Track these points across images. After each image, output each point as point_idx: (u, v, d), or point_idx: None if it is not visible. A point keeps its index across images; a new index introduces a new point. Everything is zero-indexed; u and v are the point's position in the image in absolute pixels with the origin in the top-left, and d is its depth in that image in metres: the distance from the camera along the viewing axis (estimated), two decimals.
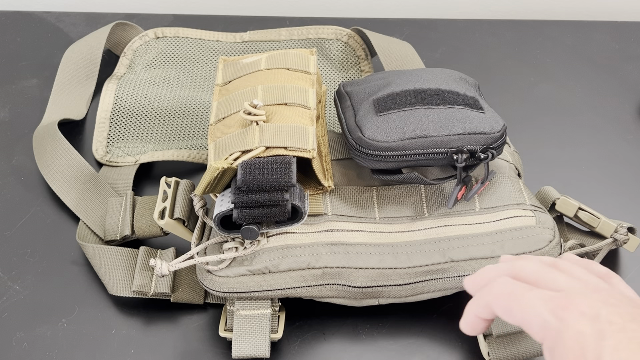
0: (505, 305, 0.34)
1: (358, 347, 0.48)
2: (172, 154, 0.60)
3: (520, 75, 0.70)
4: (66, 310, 0.50)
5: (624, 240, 0.50)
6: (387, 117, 0.47)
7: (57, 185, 0.56)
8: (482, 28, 0.75)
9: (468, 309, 0.36)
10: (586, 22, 0.76)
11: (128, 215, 0.52)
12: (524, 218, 0.48)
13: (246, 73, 0.52)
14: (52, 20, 0.75)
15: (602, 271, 0.37)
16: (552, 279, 0.34)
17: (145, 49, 0.69)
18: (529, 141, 0.63)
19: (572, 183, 0.60)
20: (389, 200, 0.50)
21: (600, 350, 0.30)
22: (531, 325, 0.33)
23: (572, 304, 0.32)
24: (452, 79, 0.51)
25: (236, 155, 0.45)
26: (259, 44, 0.71)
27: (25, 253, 0.54)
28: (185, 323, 0.50)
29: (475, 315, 0.36)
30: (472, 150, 0.46)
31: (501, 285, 0.35)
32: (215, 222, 0.45)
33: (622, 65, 0.71)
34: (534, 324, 0.33)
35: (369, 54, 0.69)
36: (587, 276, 0.35)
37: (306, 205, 0.45)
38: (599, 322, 0.31)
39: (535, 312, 0.33)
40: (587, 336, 0.30)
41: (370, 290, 0.46)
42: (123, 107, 0.63)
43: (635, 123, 0.65)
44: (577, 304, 0.32)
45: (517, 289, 0.34)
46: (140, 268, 0.50)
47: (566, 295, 0.32)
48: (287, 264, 0.46)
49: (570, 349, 0.31)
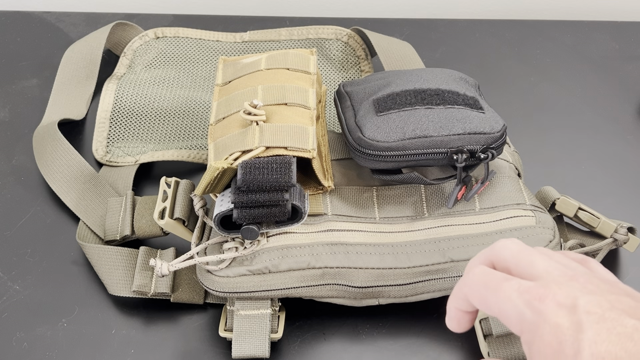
0: (481, 296, 0.33)
1: (358, 347, 0.48)
2: (172, 154, 0.60)
3: (520, 75, 0.70)
4: (66, 310, 0.50)
5: (624, 240, 0.50)
6: (387, 117, 0.47)
7: (57, 185, 0.56)
8: (482, 28, 0.75)
9: (449, 304, 0.36)
10: (586, 22, 0.76)
11: (128, 215, 0.52)
12: (524, 218, 0.48)
13: (246, 73, 0.52)
14: (52, 20, 0.75)
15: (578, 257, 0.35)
16: (531, 262, 0.33)
17: (145, 49, 0.69)
18: (529, 141, 0.63)
19: (572, 183, 0.60)
20: (389, 200, 0.50)
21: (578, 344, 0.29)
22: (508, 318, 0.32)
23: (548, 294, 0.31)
24: (452, 79, 0.51)
25: (236, 155, 0.45)
26: (259, 44, 0.71)
27: (25, 253, 0.54)
28: (185, 323, 0.50)
29: (456, 308, 0.35)
30: (472, 150, 0.46)
31: (477, 276, 0.34)
32: (215, 222, 0.45)
33: (622, 65, 0.71)
34: (511, 316, 0.32)
35: (369, 54, 0.69)
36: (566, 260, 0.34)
37: (306, 205, 0.45)
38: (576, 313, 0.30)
39: (511, 304, 0.31)
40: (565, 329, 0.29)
41: (370, 290, 0.46)
42: (123, 107, 0.63)
43: (635, 123, 0.65)
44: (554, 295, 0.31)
45: (493, 279, 0.33)
46: (140, 268, 0.50)
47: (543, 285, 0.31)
48: (287, 264, 0.46)
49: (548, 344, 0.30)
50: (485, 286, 0.33)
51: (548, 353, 0.30)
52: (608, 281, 0.33)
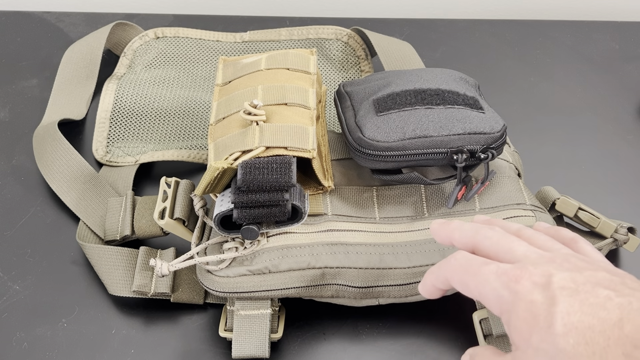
0: (462, 280, 0.34)
1: (358, 347, 0.48)
2: (172, 154, 0.60)
3: (520, 75, 0.70)
4: (66, 310, 0.50)
5: (624, 240, 0.50)
6: (387, 117, 0.47)
7: (57, 185, 0.56)
8: (482, 28, 0.75)
9: (426, 279, 0.37)
10: (586, 22, 0.76)
11: (128, 215, 0.52)
12: (524, 218, 0.48)
13: (246, 73, 0.52)
14: (52, 20, 0.75)
15: (569, 236, 0.37)
16: (510, 249, 0.34)
17: (145, 49, 0.69)
18: (529, 141, 0.63)
19: (572, 183, 0.60)
20: (389, 200, 0.50)
21: (551, 317, 0.30)
22: (488, 300, 0.33)
23: (524, 275, 0.32)
24: (452, 79, 0.51)
25: (236, 155, 0.45)
26: (259, 44, 0.71)
27: (25, 253, 0.54)
28: (185, 323, 0.50)
29: (433, 285, 0.37)
30: (472, 150, 0.46)
31: (458, 261, 0.35)
32: (215, 222, 0.45)
33: (622, 65, 0.71)
34: (490, 298, 0.33)
35: (369, 54, 0.69)
36: (550, 243, 0.35)
37: (306, 205, 0.45)
38: (550, 289, 0.30)
39: (490, 286, 0.33)
40: (539, 304, 0.30)
41: (370, 290, 0.46)
42: (123, 107, 0.63)
43: (635, 123, 0.65)
44: (530, 275, 0.32)
45: (473, 264, 0.34)
46: (140, 268, 0.50)
47: (519, 266, 0.32)
48: (287, 264, 0.46)
49: (524, 319, 0.31)
50: (466, 271, 0.34)
51: (524, 328, 0.31)
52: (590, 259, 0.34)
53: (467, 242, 0.37)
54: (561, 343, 0.29)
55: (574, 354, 0.29)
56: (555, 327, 0.29)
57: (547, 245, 0.35)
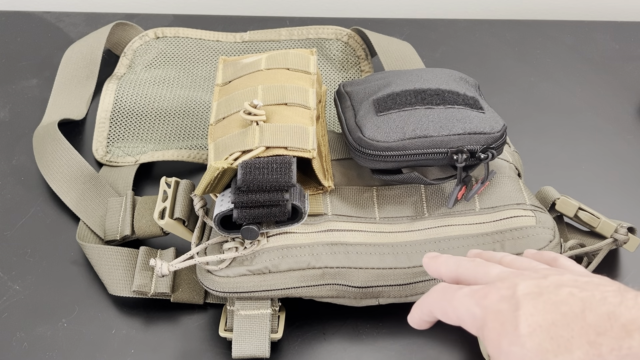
0: (442, 308, 0.36)
1: (358, 347, 0.48)
2: (172, 154, 0.60)
3: (520, 75, 0.70)
4: (66, 310, 0.50)
5: (624, 240, 0.50)
6: (387, 117, 0.47)
7: (57, 185, 0.56)
8: (482, 28, 0.75)
9: (414, 311, 0.39)
10: (586, 22, 0.76)
11: (128, 215, 0.52)
12: (524, 218, 0.48)
13: (246, 73, 0.52)
14: (52, 20, 0.75)
15: (551, 256, 0.38)
16: (485, 273, 0.36)
17: (145, 49, 0.69)
18: (529, 141, 0.63)
19: (572, 183, 0.60)
20: (389, 200, 0.50)
21: (516, 320, 0.31)
22: (465, 322, 0.34)
23: (491, 290, 0.33)
24: (452, 79, 0.51)
25: (236, 155, 0.45)
26: (259, 44, 0.71)
27: (25, 253, 0.54)
28: (185, 323, 0.50)
29: (420, 318, 0.39)
30: (472, 150, 0.46)
31: (437, 292, 0.37)
32: (215, 222, 0.45)
33: (622, 65, 0.71)
34: (466, 319, 0.34)
35: (369, 54, 0.69)
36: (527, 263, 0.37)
37: (306, 205, 0.45)
38: (515, 297, 0.32)
39: (464, 308, 0.34)
40: (505, 312, 0.32)
41: (370, 290, 0.46)
42: (123, 107, 0.63)
43: (635, 123, 0.65)
44: (497, 289, 0.33)
45: (449, 290, 0.36)
46: (140, 268, 0.50)
47: (489, 285, 0.34)
48: (287, 264, 0.46)
49: (493, 329, 0.32)
50: (443, 298, 0.36)
51: (494, 337, 0.32)
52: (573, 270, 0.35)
53: (451, 275, 0.38)
54: (528, 342, 0.30)
55: (540, 350, 0.30)
56: (520, 329, 0.31)
57: (524, 265, 0.37)
